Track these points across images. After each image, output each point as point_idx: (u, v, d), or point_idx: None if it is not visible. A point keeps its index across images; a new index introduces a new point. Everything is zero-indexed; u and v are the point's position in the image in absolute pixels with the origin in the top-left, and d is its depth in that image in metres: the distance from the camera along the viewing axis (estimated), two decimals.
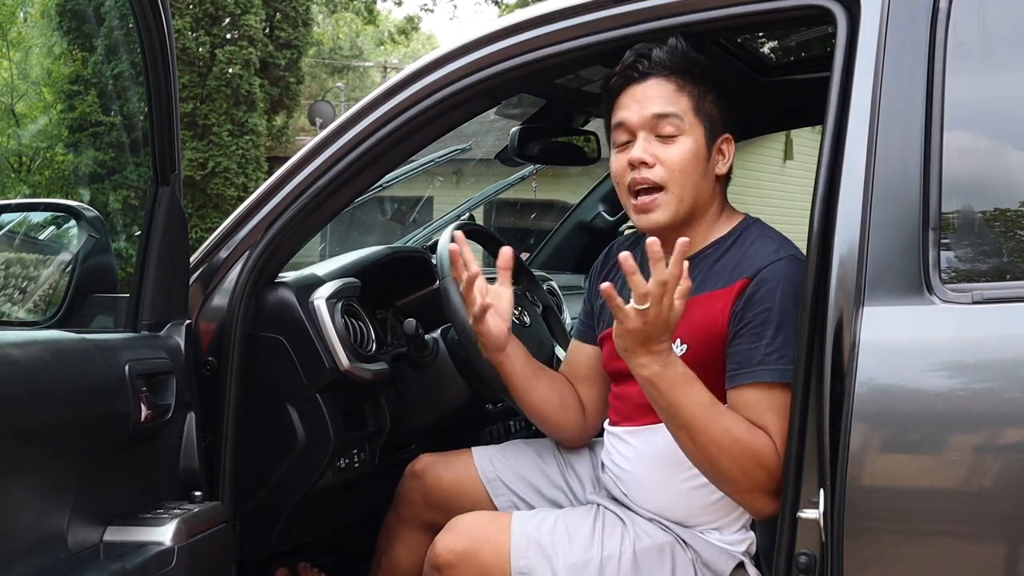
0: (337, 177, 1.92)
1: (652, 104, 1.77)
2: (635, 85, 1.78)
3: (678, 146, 1.76)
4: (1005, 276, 1.56)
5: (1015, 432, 1.45)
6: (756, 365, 1.67)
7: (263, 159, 14.82)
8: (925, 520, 1.49)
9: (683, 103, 1.77)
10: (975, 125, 1.57)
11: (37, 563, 1.43)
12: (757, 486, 1.64)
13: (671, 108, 1.76)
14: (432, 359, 2.24)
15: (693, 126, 1.77)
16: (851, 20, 1.59)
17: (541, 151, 2.82)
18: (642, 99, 1.77)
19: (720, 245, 1.80)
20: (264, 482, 2.00)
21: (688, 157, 1.76)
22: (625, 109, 1.79)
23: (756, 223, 1.83)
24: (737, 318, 1.71)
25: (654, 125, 1.76)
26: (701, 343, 1.74)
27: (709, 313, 1.73)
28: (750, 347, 1.68)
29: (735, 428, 1.64)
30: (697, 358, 1.73)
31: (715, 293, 1.74)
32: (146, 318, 1.77)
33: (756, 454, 1.63)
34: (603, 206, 3.41)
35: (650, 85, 1.77)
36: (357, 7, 20.06)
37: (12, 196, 13.67)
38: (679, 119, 1.76)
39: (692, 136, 1.77)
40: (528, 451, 2.09)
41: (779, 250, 1.73)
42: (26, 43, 14.25)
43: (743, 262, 1.74)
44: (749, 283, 1.71)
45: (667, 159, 1.76)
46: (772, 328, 1.67)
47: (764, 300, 1.69)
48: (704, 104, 1.78)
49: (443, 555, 1.81)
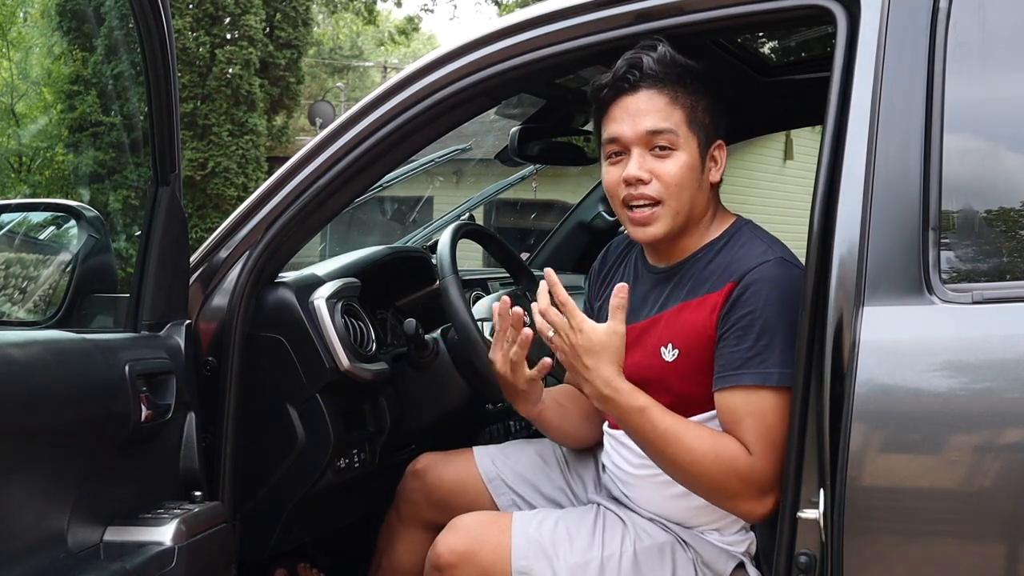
0: (337, 177, 1.92)
1: (646, 119, 1.74)
2: (627, 96, 1.75)
3: (673, 161, 1.74)
4: (1005, 276, 1.56)
5: (1015, 432, 1.45)
6: (737, 369, 1.67)
7: (263, 159, 14.81)
8: (925, 520, 1.49)
9: (676, 116, 1.74)
10: (975, 125, 1.57)
11: (37, 563, 1.43)
12: (735, 493, 1.66)
13: (665, 124, 1.73)
14: (432, 359, 2.24)
15: (687, 139, 1.74)
16: (851, 20, 1.59)
17: (541, 151, 2.82)
18: (635, 112, 1.74)
19: (711, 248, 1.79)
20: (264, 482, 2.00)
21: (683, 171, 1.74)
22: (618, 123, 1.76)
23: (747, 225, 1.82)
24: (723, 321, 1.70)
25: (648, 140, 1.74)
26: (692, 347, 1.73)
27: (699, 318, 1.73)
28: (732, 350, 1.68)
29: (700, 441, 1.66)
30: (689, 362, 1.73)
31: (706, 298, 1.74)
32: (146, 318, 1.77)
33: (726, 463, 1.65)
34: (603, 206, 3.41)
35: (642, 98, 1.74)
36: (357, 7, 20.05)
37: (12, 196, 13.67)
38: (673, 134, 1.73)
39: (687, 149, 1.74)
40: (529, 451, 2.09)
41: (767, 252, 1.72)
42: (26, 43, 14.25)
43: (731, 265, 1.73)
44: (735, 287, 1.70)
45: (662, 174, 1.74)
46: (755, 331, 1.66)
47: (748, 303, 1.68)
48: (697, 114, 1.75)
49: (444, 555, 1.81)
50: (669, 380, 1.75)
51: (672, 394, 1.74)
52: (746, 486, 1.64)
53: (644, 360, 1.77)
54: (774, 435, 1.63)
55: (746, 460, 1.65)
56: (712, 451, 1.65)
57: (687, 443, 1.66)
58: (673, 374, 1.75)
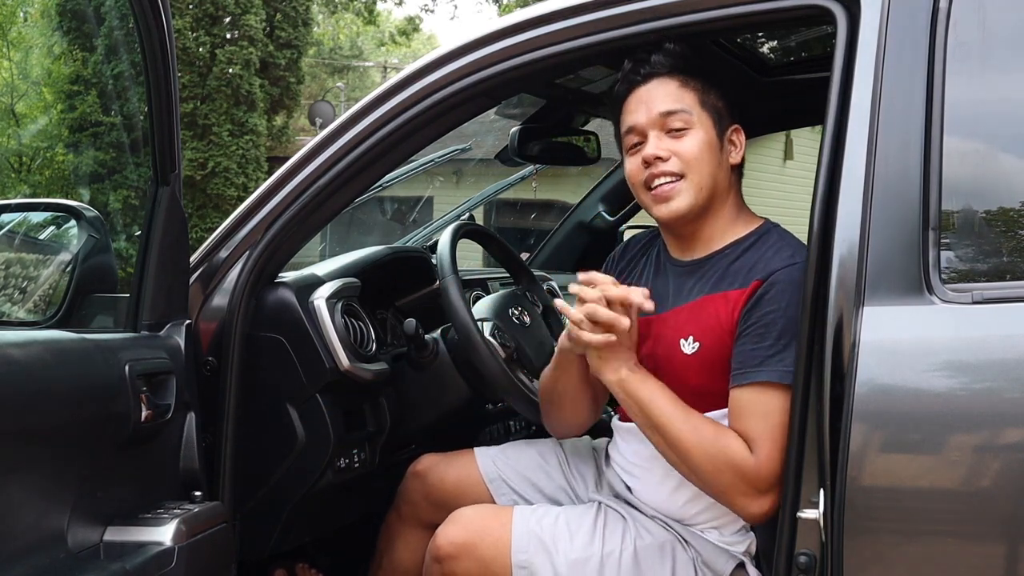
0: (337, 177, 1.92)
1: (658, 103, 1.79)
2: (639, 88, 1.81)
3: (690, 138, 1.78)
4: (1005, 276, 1.56)
5: (1015, 432, 1.45)
6: (757, 366, 1.68)
7: (263, 159, 14.81)
8: (925, 520, 1.50)
9: (688, 98, 1.79)
10: (975, 125, 1.57)
11: (37, 563, 1.43)
12: (731, 487, 1.67)
13: (677, 105, 1.78)
14: (432, 359, 2.24)
15: (701, 118, 1.79)
16: (851, 20, 1.59)
17: (541, 151, 2.83)
18: (648, 100, 1.80)
19: (738, 246, 1.80)
20: (264, 482, 2.00)
21: (701, 146, 1.78)
22: (633, 113, 1.81)
23: (776, 228, 1.84)
24: (744, 318, 1.72)
25: (663, 123, 1.78)
26: (713, 341, 1.75)
27: (721, 312, 1.74)
28: (753, 347, 1.69)
29: (702, 429, 1.69)
30: (709, 356, 1.75)
31: (729, 293, 1.75)
32: (146, 318, 1.77)
33: (725, 456, 1.66)
34: (603, 206, 3.41)
35: (653, 86, 1.80)
36: (357, 7, 20.05)
37: (12, 196, 13.67)
38: (687, 113, 1.78)
39: (702, 127, 1.79)
40: (530, 451, 2.09)
41: (794, 256, 1.73)
42: (26, 43, 14.25)
43: (759, 264, 1.75)
44: (761, 285, 1.72)
45: (681, 151, 1.77)
46: (777, 330, 1.67)
47: (772, 302, 1.69)
48: (709, 97, 1.81)
49: (444, 547, 1.82)
50: (686, 373, 1.77)
51: (688, 387, 1.76)
52: (745, 483, 1.65)
53: (663, 351, 1.79)
54: (778, 434, 1.63)
55: (746, 457, 1.66)
56: (714, 444, 1.67)
57: (693, 423, 1.69)
58: (691, 367, 1.76)
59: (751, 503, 1.67)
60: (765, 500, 1.65)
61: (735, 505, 1.70)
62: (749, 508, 1.67)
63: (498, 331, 2.20)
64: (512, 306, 2.33)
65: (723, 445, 1.67)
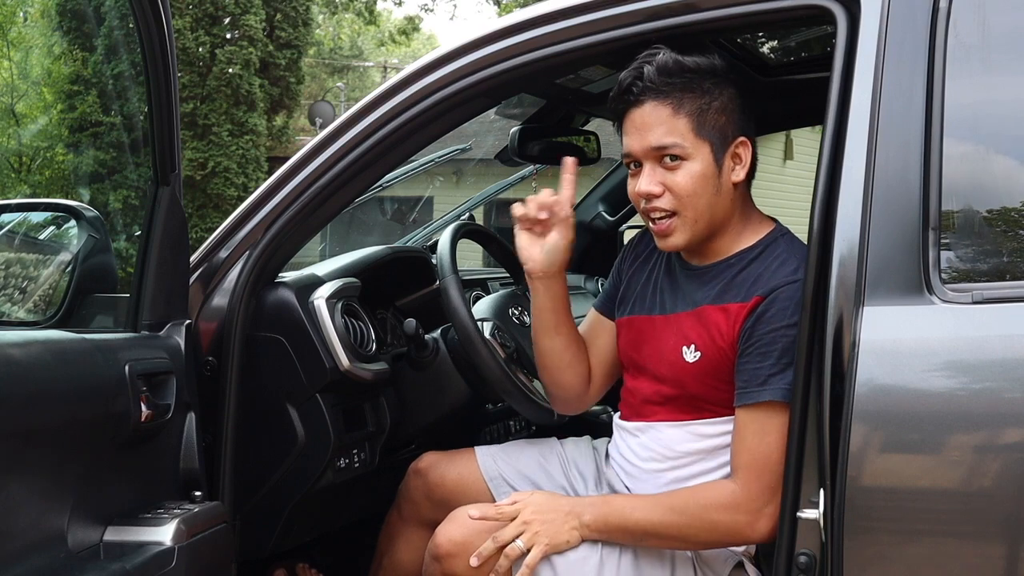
0: (337, 177, 1.92)
1: (650, 134, 1.73)
2: (634, 110, 1.76)
3: (684, 171, 1.73)
4: (1005, 276, 1.56)
5: (1015, 432, 1.45)
6: (760, 385, 1.68)
7: (263, 159, 14.82)
8: (925, 520, 1.50)
9: (682, 126, 1.72)
10: (975, 125, 1.57)
11: (37, 563, 1.43)
12: (732, 526, 1.70)
13: (668, 139, 1.72)
14: (432, 359, 2.24)
15: (696, 146, 1.73)
16: (851, 20, 1.59)
17: (541, 151, 2.82)
18: (641, 127, 1.75)
19: (744, 256, 1.78)
20: (264, 482, 2.00)
21: (695, 180, 1.73)
22: (629, 137, 1.77)
23: (784, 236, 1.81)
24: (746, 336, 1.71)
25: (656, 155, 1.74)
26: (714, 352, 1.75)
27: (721, 323, 1.74)
28: (756, 367, 1.69)
29: (675, 502, 1.74)
30: (709, 366, 1.75)
31: (730, 307, 1.74)
32: (146, 318, 1.77)
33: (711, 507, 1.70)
34: (603, 206, 3.41)
35: (647, 111, 1.74)
36: (358, 7, 20.06)
37: (12, 196, 13.67)
38: (680, 146, 1.72)
39: (698, 157, 1.73)
40: (531, 450, 2.09)
41: (798, 271, 1.71)
42: (26, 43, 14.26)
43: (761, 278, 1.74)
44: (762, 302, 1.71)
45: (674, 185, 1.73)
46: (778, 350, 1.67)
47: (773, 320, 1.69)
48: (706, 118, 1.73)
49: (443, 545, 1.82)
50: (685, 379, 1.78)
51: (685, 392, 1.77)
52: (740, 513, 1.68)
53: (665, 356, 1.80)
54: (765, 453, 1.66)
55: (729, 493, 1.69)
56: (695, 505, 1.72)
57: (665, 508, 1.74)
58: (691, 375, 1.77)
59: (754, 525, 1.68)
60: (764, 516, 1.67)
61: (744, 536, 1.71)
62: (758, 530, 1.69)
63: (498, 331, 2.20)
64: (512, 306, 2.34)
65: (703, 502, 1.71)
